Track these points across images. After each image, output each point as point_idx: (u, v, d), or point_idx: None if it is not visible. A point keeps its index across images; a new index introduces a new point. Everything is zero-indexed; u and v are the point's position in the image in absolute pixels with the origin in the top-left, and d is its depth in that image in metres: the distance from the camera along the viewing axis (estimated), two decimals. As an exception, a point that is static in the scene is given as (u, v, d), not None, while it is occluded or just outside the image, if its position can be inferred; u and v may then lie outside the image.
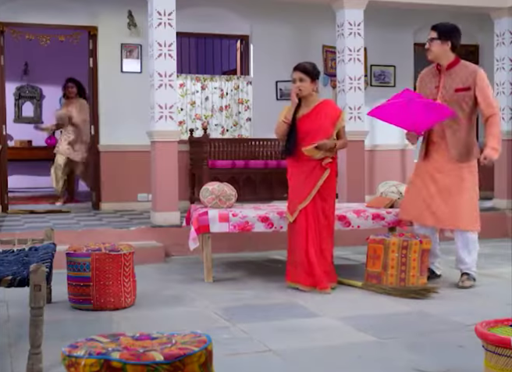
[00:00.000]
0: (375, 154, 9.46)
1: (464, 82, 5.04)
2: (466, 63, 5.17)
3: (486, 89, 5.04)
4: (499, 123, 5.10)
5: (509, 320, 2.90)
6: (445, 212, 5.11)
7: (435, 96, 5.12)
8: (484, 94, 5.02)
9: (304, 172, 5.02)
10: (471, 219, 5.11)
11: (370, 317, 4.26)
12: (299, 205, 5.00)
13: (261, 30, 9.05)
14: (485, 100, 5.02)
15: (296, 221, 5.03)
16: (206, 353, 2.28)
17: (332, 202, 5.12)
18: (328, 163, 5.02)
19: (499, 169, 8.52)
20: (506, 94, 8.40)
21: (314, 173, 5.01)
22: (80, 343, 2.30)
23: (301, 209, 5.00)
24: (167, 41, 6.76)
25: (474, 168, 5.14)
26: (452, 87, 5.08)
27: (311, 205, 4.99)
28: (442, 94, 5.11)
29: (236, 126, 9.08)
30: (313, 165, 5.01)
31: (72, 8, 8.22)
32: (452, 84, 5.09)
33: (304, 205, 4.99)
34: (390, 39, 9.49)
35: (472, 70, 5.08)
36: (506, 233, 7.91)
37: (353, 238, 6.70)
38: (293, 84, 5.06)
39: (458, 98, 5.05)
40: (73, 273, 4.50)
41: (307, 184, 5.00)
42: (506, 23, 8.35)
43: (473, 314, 4.18)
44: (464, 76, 5.06)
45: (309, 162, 5.00)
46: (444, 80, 5.12)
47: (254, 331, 3.90)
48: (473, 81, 5.02)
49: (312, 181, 5.00)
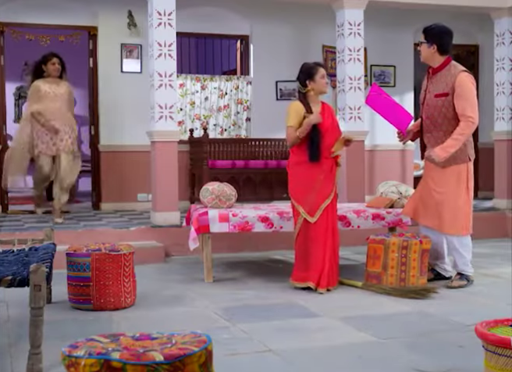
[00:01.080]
0: (375, 154, 9.46)
1: (444, 87, 4.97)
2: (451, 67, 5.03)
3: (463, 96, 4.89)
4: (466, 129, 4.90)
5: (509, 320, 2.90)
6: (429, 214, 5.13)
7: (423, 100, 5.12)
8: (459, 102, 4.89)
9: (323, 171, 5.01)
10: (455, 224, 5.06)
11: (370, 317, 4.26)
12: (322, 204, 4.99)
13: (261, 30, 9.05)
14: (459, 108, 4.90)
15: (317, 221, 4.98)
16: (206, 353, 2.28)
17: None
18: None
19: (499, 169, 8.53)
20: (506, 94, 8.40)
21: (332, 171, 5.06)
22: (79, 343, 2.30)
23: (324, 208, 5.00)
24: (167, 41, 6.76)
25: (464, 172, 5.05)
26: (433, 93, 5.04)
27: (330, 204, 5.02)
28: (427, 98, 5.10)
29: (234, 126, 9.08)
30: (331, 163, 5.06)
31: (72, 9, 8.22)
32: (434, 89, 5.04)
33: (327, 204, 4.99)
34: (390, 39, 9.49)
35: (453, 75, 4.96)
36: (506, 233, 7.91)
37: (353, 238, 6.70)
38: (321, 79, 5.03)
39: (437, 104, 4.99)
40: (73, 273, 4.50)
41: (327, 183, 5.02)
42: (506, 23, 8.35)
43: (473, 314, 4.19)
44: (444, 81, 4.99)
45: (328, 160, 5.04)
46: (429, 85, 5.11)
47: (254, 331, 3.90)
48: (452, 87, 4.93)
49: (332, 179, 5.05)
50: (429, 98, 5.06)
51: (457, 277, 5.16)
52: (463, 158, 5.05)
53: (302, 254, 5.03)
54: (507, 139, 8.42)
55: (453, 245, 5.13)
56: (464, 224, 5.10)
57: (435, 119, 5.02)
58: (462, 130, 4.91)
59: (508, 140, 8.42)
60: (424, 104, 5.13)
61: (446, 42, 5.07)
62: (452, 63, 5.06)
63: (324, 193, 5.00)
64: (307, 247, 5.00)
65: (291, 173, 5.11)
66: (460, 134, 4.91)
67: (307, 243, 5.00)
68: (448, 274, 5.36)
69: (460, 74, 4.95)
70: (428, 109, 5.08)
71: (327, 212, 5.00)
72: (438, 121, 5.02)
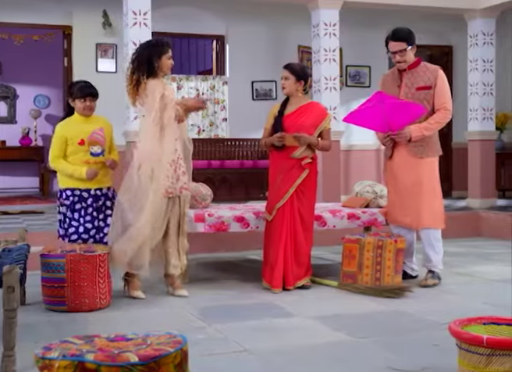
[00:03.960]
0: (351, 154, 9.51)
1: (426, 81, 5.11)
2: (427, 64, 5.25)
3: (444, 91, 5.10)
4: (443, 119, 5.08)
5: (482, 319, 2.93)
6: (407, 212, 5.18)
7: (398, 95, 5.17)
8: (440, 94, 5.08)
9: (282, 171, 5.03)
10: (433, 217, 5.15)
11: (345, 316, 4.28)
12: (276, 203, 5.02)
13: (237, 30, 9.06)
14: (440, 99, 5.07)
15: (273, 220, 5.04)
16: (181, 354, 2.27)
17: (309, 203, 5.13)
18: (307, 164, 5.04)
19: (473, 169, 8.62)
20: (479, 94, 8.49)
21: (292, 172, 5.03)
22: (53, 345, 2.28)
23: (279, 208, 5.01)
24: (142, 40, 6.69)
25: (434, 164, 5.18)
26: (414, 86, 5.13)
27: (288, 204, 5.01)
28: (404, 92, 5.16)
29: (212, 126, 9.07)
30: (292, 164, 5.03)
31: (47, 8, 8.16)
32: (414, 82, 5.14)
33: (281, 204, 5.00)
34: (365, 40, 9.54)
35: (434, 70, 5.16)
36: (479, 232, 7.99)
37: (328, 238, 6.72)
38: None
39: (420, 97, 5.10)
40: (48, 274, 4.46)
41: (284, 183, 5.02)
42: (479, 25, 8.44)
43: (447, 313, 4.22)
44: (425, 75, 5.13)
45: (289, 160, 5.03)
46: (406, 80, 5.17)
47: (230, 331, 3.90)
48: (434, 80, 5.10)
49: (290, 180, 5.02)
50: (408, 91, 5.14)
51: (430, 275, 5.20)
52: (436, 151, 5.20)
53: (264, 247, 5.13)
54: (480, 139, 8.52)
55: (429, 241, 5.17)
56: (440, 217, 5.20)
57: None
58: (439, 119, 5.08)
59: (481, 140, 8.52)
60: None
61: (415, 39, 5.23)
62: (422, 61, 5.25)
63: (279, 193, 5.02)
64: (266, 242, 5.11)
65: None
66: (436, 122, 5.08)
67: (266, 239, 5.11)
68: (414, 273, 5.42)
69: (439, 70, 5.16)
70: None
71: (283, 213, 5.00)
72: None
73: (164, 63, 4.84)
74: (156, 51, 4.82)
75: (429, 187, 5.13)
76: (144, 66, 4.76)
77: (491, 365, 2.62)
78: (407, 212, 5.19)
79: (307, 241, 5.10)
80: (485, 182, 8.53)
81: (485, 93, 8.49)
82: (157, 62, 4.79)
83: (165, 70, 4.91)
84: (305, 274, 5.10)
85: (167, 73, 5.00)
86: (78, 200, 4.79)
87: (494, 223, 7.88)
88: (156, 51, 4.82)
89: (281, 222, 5.00)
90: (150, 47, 4.87)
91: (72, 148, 4.79)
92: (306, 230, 5.09)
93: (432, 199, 5.14)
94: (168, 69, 4.94)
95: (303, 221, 5.06)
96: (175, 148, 4.83)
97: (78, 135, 4.79)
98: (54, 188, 10.38)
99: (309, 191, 5.11)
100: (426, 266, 5.27)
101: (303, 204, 5.06)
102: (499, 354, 2.60)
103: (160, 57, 4.81)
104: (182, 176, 4.87)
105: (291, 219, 5.02)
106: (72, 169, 4.77)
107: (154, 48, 4.84)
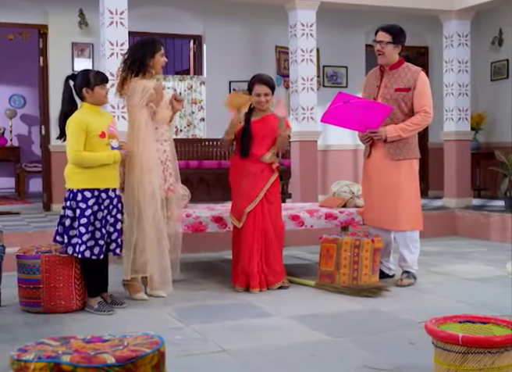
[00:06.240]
0: (328, 154, 9.54)
1: (406, 83, 5.11)
2: (408, 65, 5.22)
3: (424, 94, 5.09)
4: (423, 122, 5.10)
5: (458, 317, 2.96)
6: (384, 214, 5.21)
7: (375, 95, 5.19)
8: (420, 97, 5.07)
9: (251, 174, 5.00)
10: (410, 219, 5.18)
11: (323, 316, 4.30)
12: (245, 208, 4.99)
13: (214, 30, 9.04)
14: (420, 103, 5.07)
15: (243, 225, 5.00)
16: (158, 355, 2.27)
17: (278, 204, 5.14)
18: (276, 167, 5.06)
19: (448, 168, 8.70)
20: (454, 95, 8.56)
21: (262, 175, 5.01)
22: (29, 347, 2.26)
23: (249, 212, 4.99)
24: (119, 40, 6.70)
25: (412, 167, 5.17)
26: (393, 86, 5.14)
27: (258, 207, 4.99)
28: (382, 92, 5.17)
29: (189, 126, 9.05)
30: (262, 167, 5.02)
31: (22, 6, 8.07)
32: (393, 83, 5.15)
33: (251, 207, 4.98)
34: (342, 40, 9.59)
35: (415, 72, 5.14)
36: (455, 231, 8.06)
37: (306, 238, 6.74)
38: (255, 97, 5.05)
39: (398, 98, 5.10)
40: (23, 275, 4.43)
41: (254, 187, 4.99)
42: (455, 26, 8.52)
43: (423, 311, 4.25)
44: (405, 77, 5.13)
45: (258, 164, 5.01)
46: (386, 80, 5.19)
47: (208, 332, 3.89)
48: (413, 83, 5.09)
49: (260, 184, 5.00)
50: (386, 92, 5.15)
51: (405, 276, 5.23)
52: (415, 154, 5.19)
53: (234, 251, 5.10)
54: (456, 139, 8.59)
55: (404, 242, 5.21)
56: (418, 219, 5.22)
57: (394, 113, 5.09)
58: (419, 121, 5.09)
59: (457, 140, 8.59)
60: (377, 98, 5.18)
61: (405, 41, 5.25)
62: (405, 62, 5.23)
63: (248, 196, 4.98)
64: (235, 245, 5.07)
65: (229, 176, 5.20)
66: (415, 124, 5.08)
67: (236, 243, 5.06)
68: (391, 273, 5.46)
69: (421, 72, 5.16)
70: (384, 102, 5.13)
71: (254, 217, 4.97)
72: (396, 115, 5.10)
73: (157, 61, 4.85)
74: (149, 49, 4.82)
75: (406, 189, 5.13)
76: (135, 64, 4.78)
77: (466, 363, 2.65)
78: (384, 214, 5.21)
79: (280, 243, 5.11)
80: (461, 182, 8.60)
81: (460, 93, 8.56)
82: (150, 60, 4.81)
83: (158, 69, 4.91)
84: (280, 278, 5.10)
85: (159, 71, 4.98)
86: (95, 202, 4.35)
87: (470, 222, 7.96)
88: (149, 49, 4.83)
89: (252, 226, 4.96)
90: (143, 45, 4.87)
91: (93, 140, 4.36)
92: (277, 232, 5.08)
93: (410, 201, 5.15)
94: (160, 68, 4.93)
95: (274, 224, 5.05)
96: (164, 149, 4.89)
97: (98, 128, 4.40)
98: (30, 189, 10.30)
99: (276, 195, 5.12)
100: (401, 266, 5.30)
101: (274, 206, 5.07)
102: (475, 352, 2.63)
103: (154, 55, 4.82)
104: (169, 177, 4.92)
105: (263, 223, 4.99)
106: (106, 154, 4.36)
107: (148, 46, 4.84)
